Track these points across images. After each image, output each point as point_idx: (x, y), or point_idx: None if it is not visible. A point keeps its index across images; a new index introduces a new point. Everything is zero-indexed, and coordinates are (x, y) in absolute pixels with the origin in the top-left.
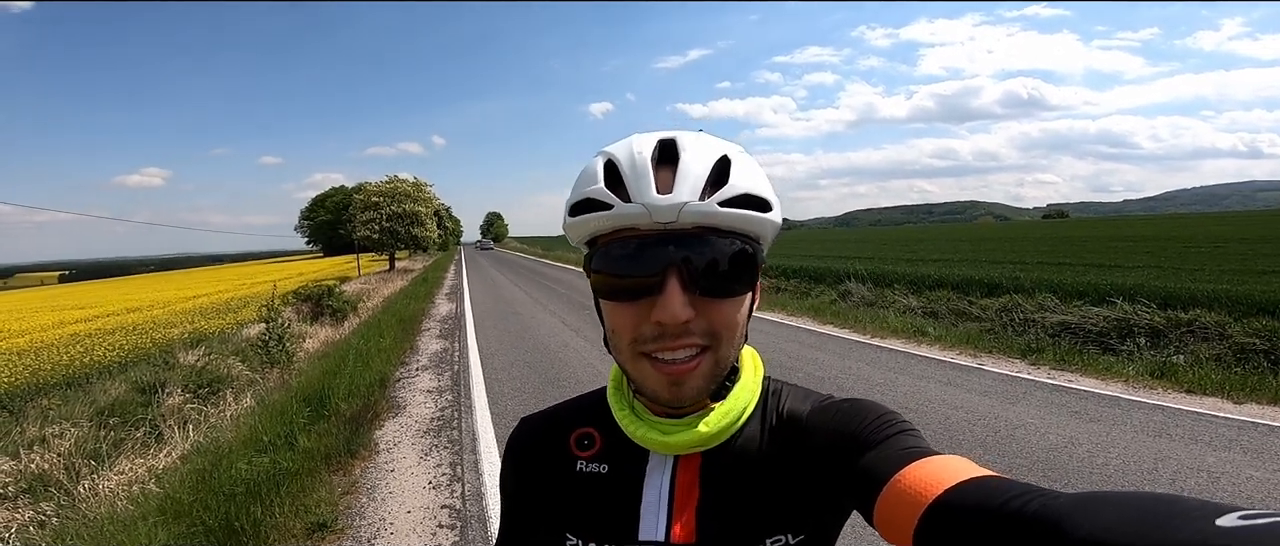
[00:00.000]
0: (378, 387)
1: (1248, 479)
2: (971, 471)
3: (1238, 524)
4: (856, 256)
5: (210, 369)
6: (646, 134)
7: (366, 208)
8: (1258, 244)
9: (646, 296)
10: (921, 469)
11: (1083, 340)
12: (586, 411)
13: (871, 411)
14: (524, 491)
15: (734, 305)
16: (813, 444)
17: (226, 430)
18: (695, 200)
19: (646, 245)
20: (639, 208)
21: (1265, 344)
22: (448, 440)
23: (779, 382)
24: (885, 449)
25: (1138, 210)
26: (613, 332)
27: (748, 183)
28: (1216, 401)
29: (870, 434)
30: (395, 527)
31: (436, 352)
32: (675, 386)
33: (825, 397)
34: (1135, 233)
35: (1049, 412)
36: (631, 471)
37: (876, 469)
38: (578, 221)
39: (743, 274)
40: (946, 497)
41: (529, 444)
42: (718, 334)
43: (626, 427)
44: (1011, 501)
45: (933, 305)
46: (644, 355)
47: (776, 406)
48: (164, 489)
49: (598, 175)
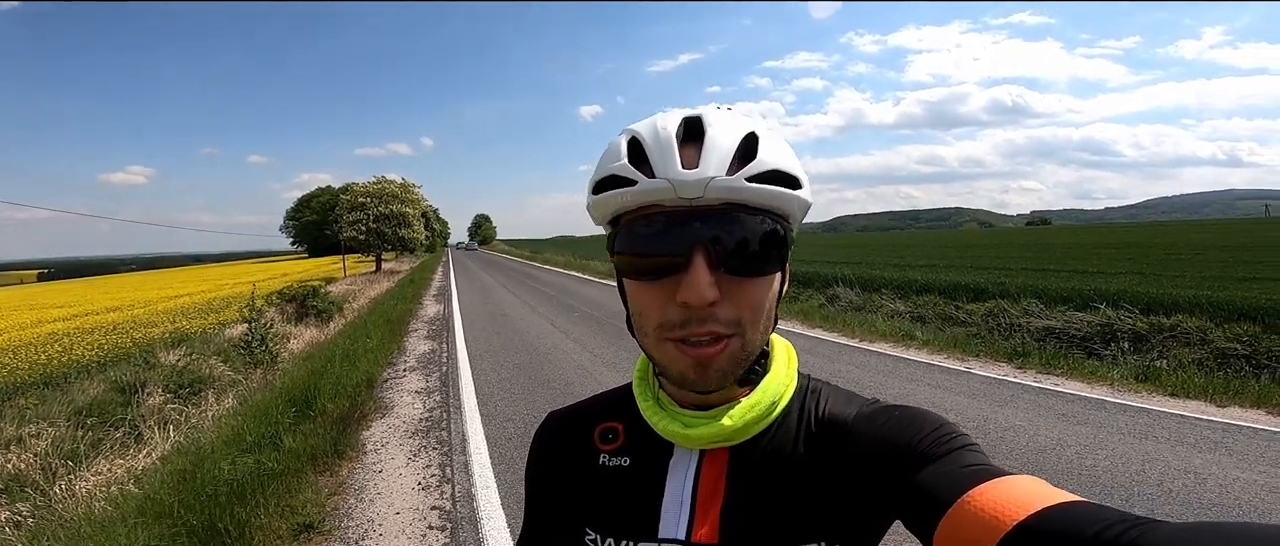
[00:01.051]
0: (365, 388)
1: (1234, 481)
2: (1055, 495)
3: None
4: (844, 261)
5: (191, 369)
6: (671, 111)
7: (353, 208)
8: (1237, 251)
9: (671, 275)
10: (995, 490)
11: (1068, 344)
12: (612, 405)
13: (928, 422)
14: (547, 486)
15: (763, 285)
16: (857, 451)
17: (208, 431)
18: (722, 175)
19: (672, 223)
20: (664, 183)
21: (1246, 348)
22: (437, 441)
23: (819, 382)
24: (946, 464)
25: (1120, 217)
26: (637, 315)
27: (776, 158)
28: (1200, 404)
29: (928, 447)
30: (384, 529)
31: (424, 353)
32: (701, 367)
33: (871, 401)
34: (1117, 240)
35: (1037, 415)
36: (654, 465)
37: (939, 487)
38: (601, 199)
39: (772, 253)
40: (1030, 524)
41: (553, 438)
42: (743, 317)
43: (650, 418)
44: (1108, 530)
45: (920, 310)
46: (670, 339)
47: (815, 406)
48: (144, 489)
49: (621, 151)
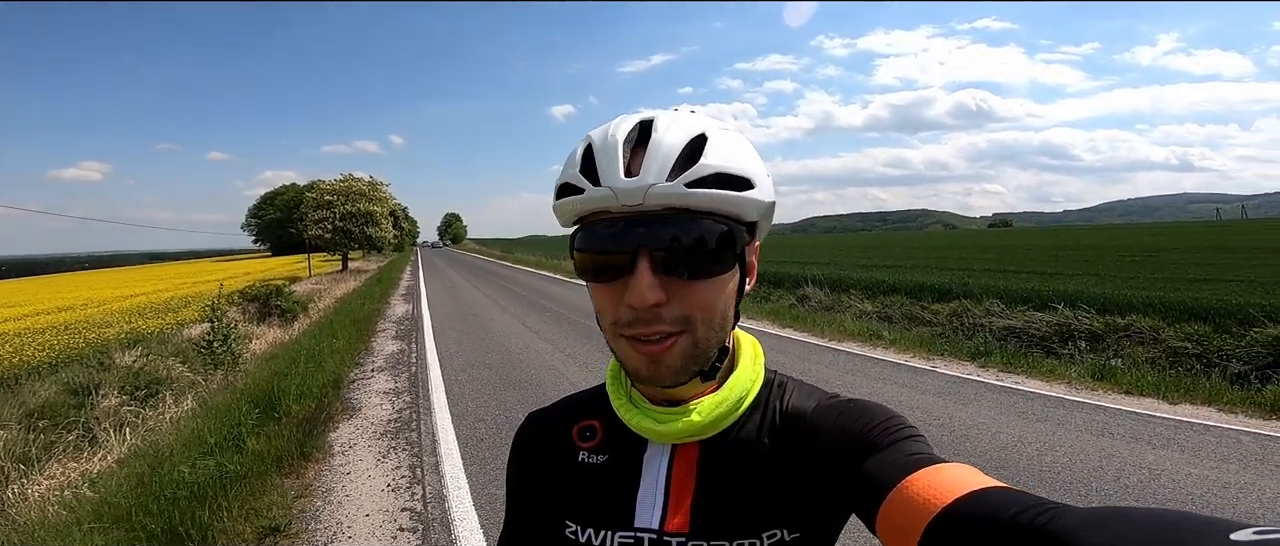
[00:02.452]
0: (331, 389)
1: (1187, 476)
2: (981, 481)
3: (1253, 539)
4: (814, 262)
5: (148, 370)
6: (632, 114)
7: (319, 206)
8: (1188, 253)
9: (621, 277)
10: (929, 476)
11: (1027, 343)
12: (589, 404)
13: (878, 414)
14: (529, 482)
15: (713, 286)
16: (816, 442)
17: (166, 433)
18: (661, 182)
19: (620, 227)
20: (606, 192)
21: (1197, 348)
22: (407, 441)
23: (784, 377)
24: (891, 453)
25: (1077, 220)
26: (598, 313)
27: (722, 160)
28: (1153, 402)
29: (876, 437)
30: (353, 531)
31: (393, 354)
32: (653, 364)
33: (831, 396)
34: (1075, 242)
35: (999, 413)
36: (629, 460)
37: (881, 474)
38: (559, 204)
39: (720, 255)
40: (955, 507)
41: (533, 437)
42: (692, 316)
43: (624, 416)
44: (1022, 514)
45: (887, 310)
46: (623, 336)
47: (780, 401)
48: (99, 493)
49: (577, 159)
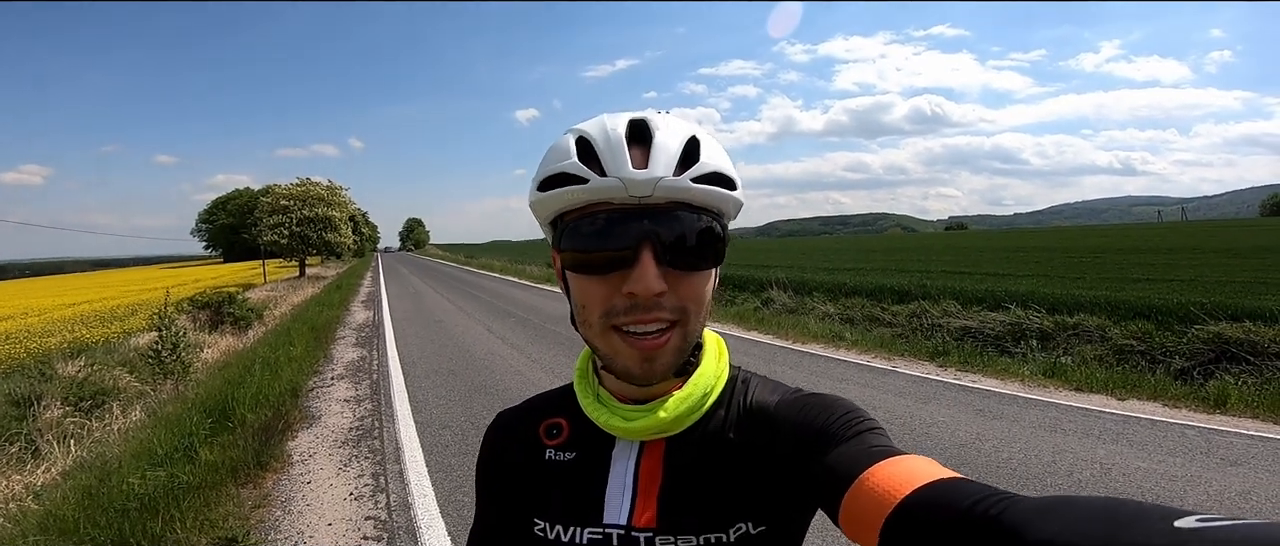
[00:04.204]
0: (289, 397)
1: (1136, 469)
2: (938, 472)
3: (1196, 525)
4: (778, 265)
5: (93, 380)
6: (616, 113)
7: (274, 211)
8: (1131, 254)
9: (619, 269)
10: (889, 468)
11: (983, 343)
12: (556, 402)
13: (839, 408)
14: (497, 481)
15: (702, 279)
16: (780, 436)
17: (114, 444)
18: (670, 176)
19: (619, 219)
20: (615, 182)
21: (1142, 345)
22: (369, 450)
23: (748, 373)
24: (851, 446)
25: (1027, 223)
26: (582, 308)
27: (717, 161)
28: (1102, 398)
29: (837, 430)
30: (315, 540)
31: (353, 361)
32: (647, 362)
33: (794, 390)
34: (1026, 243)
35: (958, 411)
36: (597, 457)
37: (843, 466)
38: (548, 196)
39: (711, 249)
40: (914, 498)
41: (500, 436)
42: (687, 308)
43: (591, 414)
44: (977, 504)
45: (849, 312)
46: (615, 329)
47: (744, 396)
48: (44, 505)
49: (571, 150)
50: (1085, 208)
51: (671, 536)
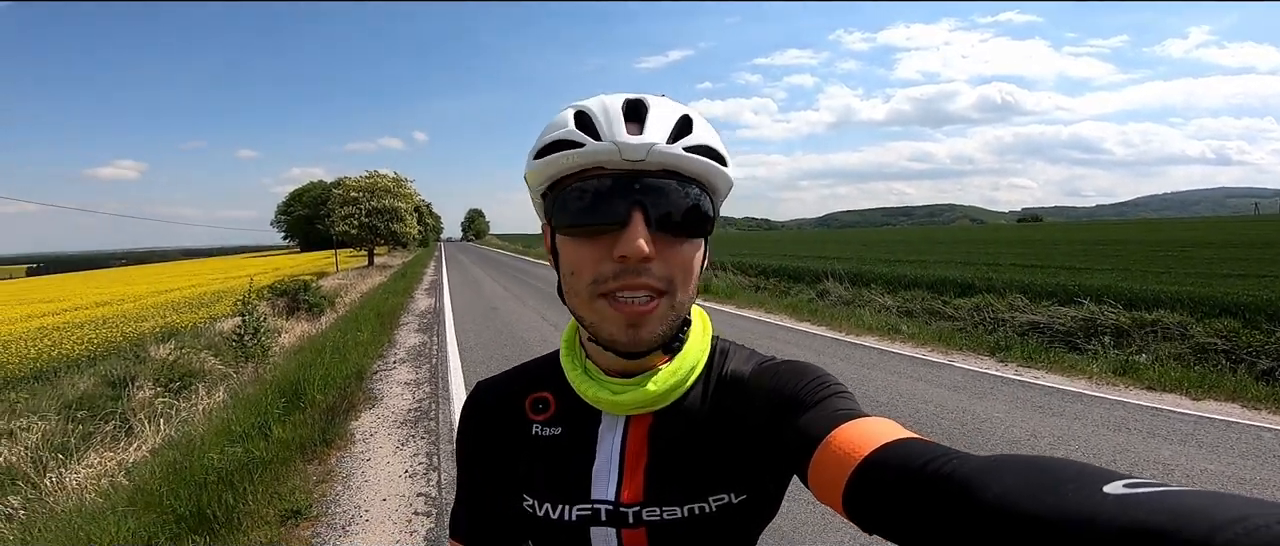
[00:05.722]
0: (355, 380)
1: (1202, 472)
2: (897, 432)
3: (1122, 491)
4: (835, 256)
5: (182, 363)
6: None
7: (345, 203)
8: (1223, 248)
9: (609, 233)
10: (850, 430)
11: (1050, 339)
12: (540, 375)
13: (808, 373)
14: (481, 455)
15: (691, 248)
16: (754, 405)
17: (199, 423)
18: (663, 142)
19: (613, 184)
20: (610, 146)
21: (1226, 343)
22: (424, 430)
23: (727, 342)
24: (819, 410)
25: (1110, 215)
26: (571, 274)
27: (708, 137)
28: (1176, 398)
29: (805, 395)
30: (370, 514)
31: (415, 346)
32: (633, 328)
33: (767, 358)
34: (1106, 236)
35: (1014, 407)
36: (585, 433)
37: (810, 430)
38: (545, 162)
39: (701, 220)
40: (872, 458)
41: (484, 410)
42: (675, 277)
43: (578, 388)
44: (930, 463)
45: (908, 304)
46: (603, 295)
47: (722, 367)
48: (134, 481)
49: (568, 120)
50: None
51: (657, 509)
